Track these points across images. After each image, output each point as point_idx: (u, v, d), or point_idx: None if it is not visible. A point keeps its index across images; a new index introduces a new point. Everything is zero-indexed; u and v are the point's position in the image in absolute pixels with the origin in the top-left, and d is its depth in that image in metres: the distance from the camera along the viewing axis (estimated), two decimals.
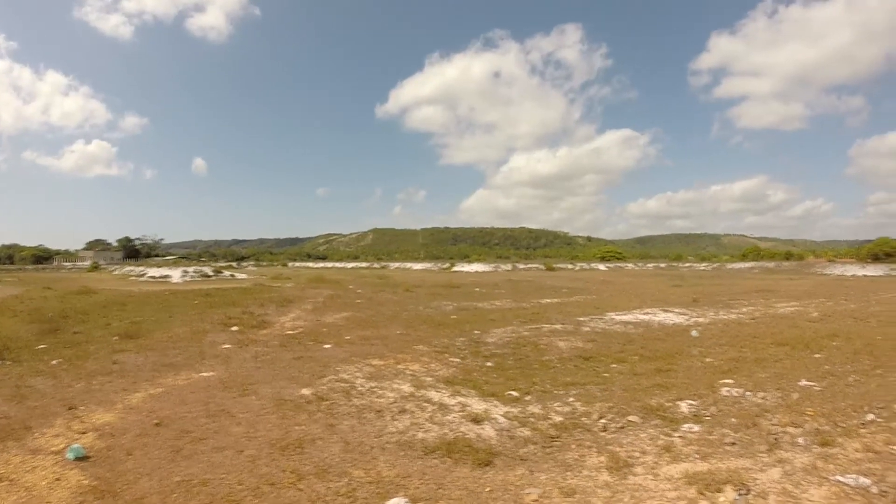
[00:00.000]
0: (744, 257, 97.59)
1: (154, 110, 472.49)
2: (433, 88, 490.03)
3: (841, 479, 4.84)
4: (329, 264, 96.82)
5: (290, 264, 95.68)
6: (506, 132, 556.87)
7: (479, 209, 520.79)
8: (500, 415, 7.14)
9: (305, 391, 8.19)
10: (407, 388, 8.49)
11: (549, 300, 24.78)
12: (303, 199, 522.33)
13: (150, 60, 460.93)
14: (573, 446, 6.06)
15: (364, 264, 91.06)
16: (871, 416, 6.62)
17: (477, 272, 63.18)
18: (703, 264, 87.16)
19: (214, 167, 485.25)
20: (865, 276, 51.25)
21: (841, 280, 44.11)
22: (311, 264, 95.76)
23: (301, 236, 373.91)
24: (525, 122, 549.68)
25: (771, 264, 76.96)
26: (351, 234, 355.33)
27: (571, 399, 7.93)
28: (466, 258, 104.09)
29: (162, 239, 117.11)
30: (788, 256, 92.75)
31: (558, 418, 7.01)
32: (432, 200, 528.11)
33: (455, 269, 72.20)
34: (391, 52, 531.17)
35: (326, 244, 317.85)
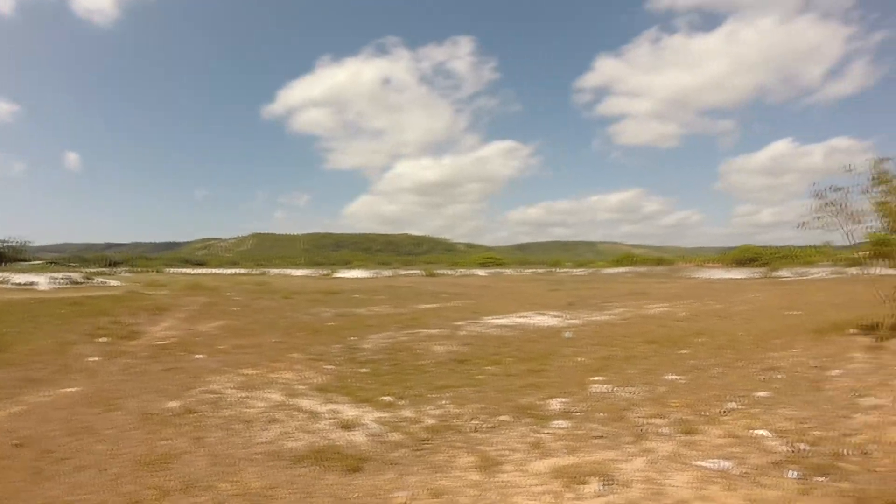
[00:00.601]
0: (618, 262, 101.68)
1: (27, 96, 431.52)
2: (322, 91, 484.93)
3: (703, 463, 4.87)
4: (207, 270, 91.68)
5: (166, 270, 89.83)
6: (393, 138, 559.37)
7: (362, 215, 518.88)
8: (372, 420, 6.87)
9: (173, 404, 7.61)
10: (278, 397, 8.09)
11: (428, 305, 24.65)
12: (181, 201, 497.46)
13: (27, 40, 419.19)
14: (444, 448, 5.87)
15: (243, 270, 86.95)
16: (732, 405, 6.82)
17: (357, 278, 62.13)
18: (580, 269, 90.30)
19: (88, 163, 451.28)
20: (731, 278, 54.99)
21: (708, 283, 47.10)
22: (188, 270, 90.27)
23: (179, 240, 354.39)
24: (412, 130, 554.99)
25: (643, 269, 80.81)
26: (231, 238, 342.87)
27: (445, 402, 7.72)
28: (348, 264, 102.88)
29: (29, 241, 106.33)
30: (660, 261, 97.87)
31: (430, 421, 6.81)
32: (315, 205, 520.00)
33: (336, 275, 70.71)
34: (281, 53, 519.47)
35: (205, 249, 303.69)
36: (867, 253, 14.51)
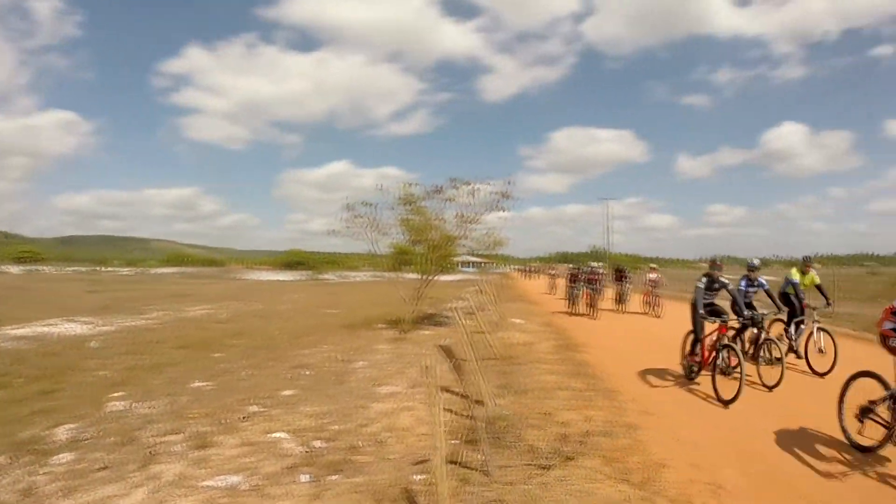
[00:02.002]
0: (168, 262, 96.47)
1: None
2: None
3: (211, 483, 4.35)
4: None
5: None
6: None
7: None
8: None
9: None
10: None
11: None
12: None
13: None
14: None
15: None
16: (254, 408, 6.56)
17: None
18: (128, 269, 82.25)
19: None
20: (278, 280, 57.14)
21: (256, 285, 47.90)
22: None
23: None
24: None
25: (194, 269, 78.35)
26: None
27: None
28: None
29: None
30: (212, 262, 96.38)
31: None
32: None
33: None
34: None
35: None
36: (393, 260, 16.88)
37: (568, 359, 9.39)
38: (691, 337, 7.83)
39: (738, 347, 7.08)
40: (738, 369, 6.64)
